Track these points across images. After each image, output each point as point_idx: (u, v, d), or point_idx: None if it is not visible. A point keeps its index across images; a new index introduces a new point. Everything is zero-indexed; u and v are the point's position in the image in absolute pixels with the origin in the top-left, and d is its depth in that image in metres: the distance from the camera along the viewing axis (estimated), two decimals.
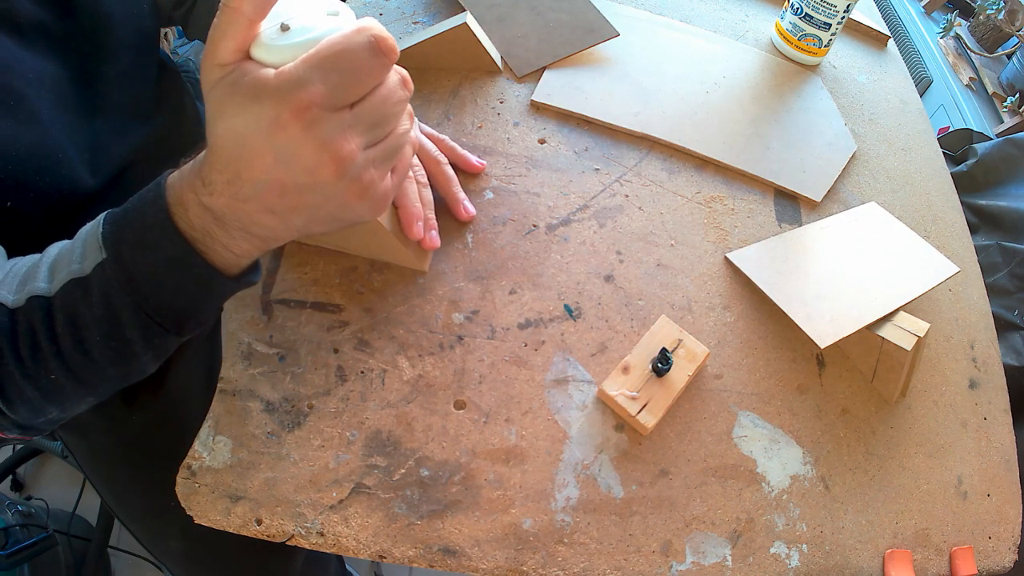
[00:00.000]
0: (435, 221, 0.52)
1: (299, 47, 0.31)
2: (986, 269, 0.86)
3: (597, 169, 0.62)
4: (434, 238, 0.51)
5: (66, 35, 0.46)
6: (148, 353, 0.38)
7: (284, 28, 0.32)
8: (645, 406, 0.49)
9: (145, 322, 0.36)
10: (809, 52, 0.76)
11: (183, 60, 0.80)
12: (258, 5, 0.30)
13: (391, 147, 0.35)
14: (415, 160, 0.52)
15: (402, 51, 0.63)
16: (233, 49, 0.31)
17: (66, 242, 0.37)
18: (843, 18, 0.72)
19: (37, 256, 0.38)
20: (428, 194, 0.52)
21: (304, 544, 0.44)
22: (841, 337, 0.51)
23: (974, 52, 1.49)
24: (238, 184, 0.32)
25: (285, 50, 0.31)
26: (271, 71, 0.31)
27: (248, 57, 0.32)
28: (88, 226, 0.37)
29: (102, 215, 0.36)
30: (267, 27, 0.32)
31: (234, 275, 0.38)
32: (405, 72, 0.35)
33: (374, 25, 0.31)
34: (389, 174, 0.36)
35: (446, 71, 0.66)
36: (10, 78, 0.42)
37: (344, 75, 0.30)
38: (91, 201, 0.50)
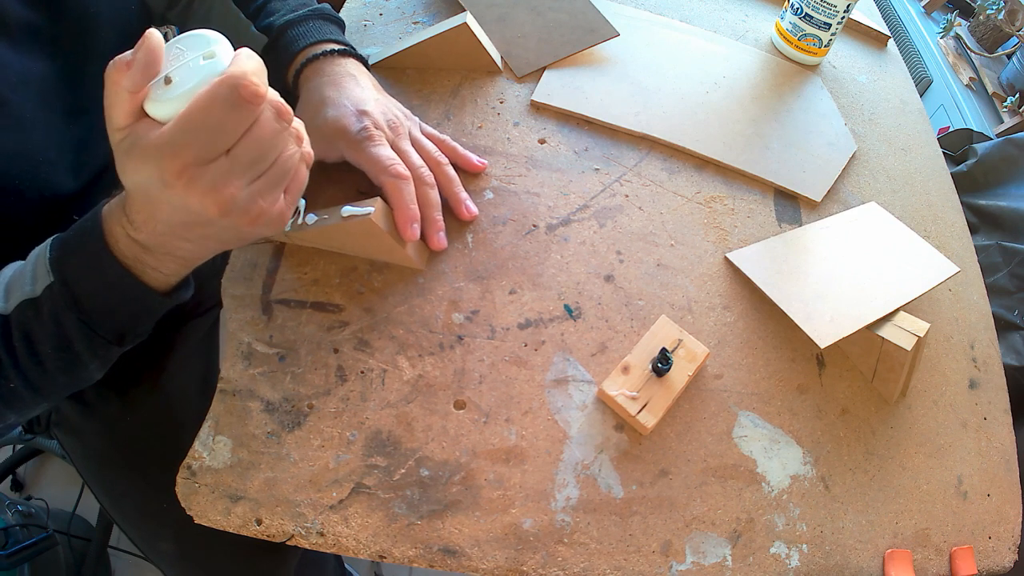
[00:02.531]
0: (443, 222, 0.53)
1: (182, 98, 0.34)
2: (986, 269, 0.86)
3: (597, 169, 0.62)
4: (442, 239, 0.53)
5: (54, 36, 0.47)
6: (94, 362, 0.43)
7: (167, 81, 0.35)
8: (645, 406, 0.49)
9: (90, 336, 0.41)
10: (809, 52, 0.76)
11: None
12: (135, 80, 0.34)
13: (276, 175, 0.38)
14: (419, 161, 0.52)
15: (402, 51, 0.63)
16: (125, 114, 0.34)
17: (20, 264, 0.42)
18: (843, 18, 0.72)
19: None
20: (435, 195, 0.53)
21: (304, 544, 0.44)
22: (841, 337, 0.51)
23: (974, 52, 1.49)
24: (152, 223, 0.37)
25: (171, 103, 0.34)
26: (154, 134, 0.34)
27: (144, 114, 0.35)
28: (38, 249, 0.41)
29: (49, 240, 0.41)
30: (154, 83, 0.35)
31: (166, 292, 0.43)
32: (280, 103, 0.36)
33: (238, 70, 0.33)
34: (282, 196, 0.39)
35: (446, 71, 0.66)
36: None
37: (211, 132, 0.34)
38: (72, 202, 0.51)
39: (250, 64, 0.34)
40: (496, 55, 0.67)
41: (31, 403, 0.44)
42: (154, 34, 0.34)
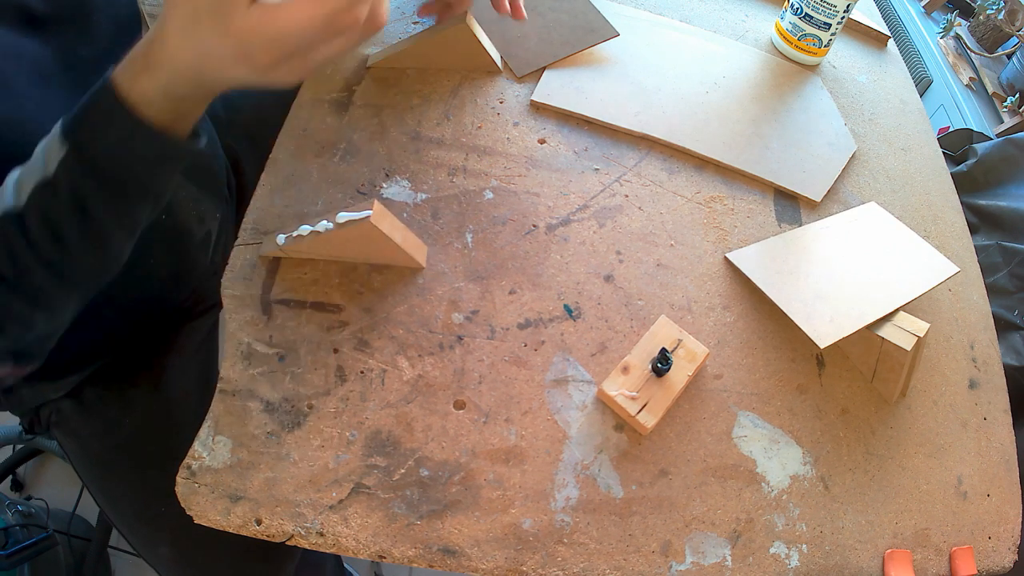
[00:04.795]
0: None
1: None
2: (986, 269, 0.86)
3: (597, 169, 0.62)
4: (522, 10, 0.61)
5: (48, 18, 0.47)
6: (119, 231, 0.42)
7: None
8: (645, 406, 0.49)
9: (110, 199, 0.40)
10: (809, 52, 0.76)
11: None
12: None
13: (341, 49, 0.38)
14: None
15: (402, 51, 0.63)
16: None
17: (25, 164, 0.41)
18: (843, 18, 0.72)
19: None
20: None
21: (304, 544, 0.44)
22: (841, 337, 0.51)
23: (974, 52, 1.49)
24: (198, 79, 0.37)
25: None
26: (253, 18, 0.34)
27: None
28: (44, 139, 0.40)
29: (56, 124, 0.40)
30: None
31: (182, 139, 0.41)
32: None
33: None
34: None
35: (446, 71, 0.66)
36: None
37: (310, 40, 0.35)
38: None
39: None
40: (496, 55, 0.67)
41: (59, 298, 0.42)
42: None
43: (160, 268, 0.60)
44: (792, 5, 0.75)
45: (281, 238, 0.51)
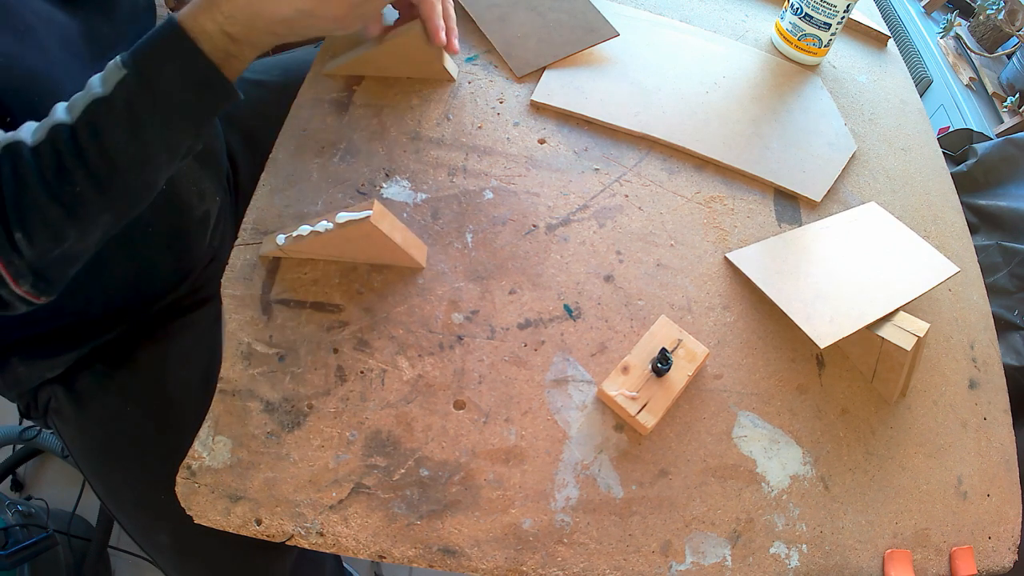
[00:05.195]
0: (456, 31, 0.61)
1: None
2: (986, 269, 0.86)
3: (597, 169, 0.62)
4: (456, 45, 0.62)
5: None
6: (161, 155, 0.45)
7: None
8: (645, 406, 0.49)
9: (161, 122, 0.43)
10: (809, 52, 0.76)
11: None
12: None
13: None
14: None
15: (358, 59, 0.62)
16: None
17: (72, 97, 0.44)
18: (843, 18, 0.72)
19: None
20: (450, 8, 0.61)
21: (304, 544, 0.44)
22: (841, 337, 0.51)
23: (974, 52, 1.49)
24: (257, 20, 0.43)
25: None
26: None
27: None
28: (97, 75, 0.43)
29: (113, 60, 0.43)
30: None
31: (230, 79, 0.46)
32: None
33: None
34: None
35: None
36: (21, 9, 0.47)
37: None
38: None
39: None
40: (451, 64, 0.65)
41: (94, 212, 0.44)
42: None
43: (158, 237, 0.61)
44: (792, 5, 0.75)
45: (281, 238, 0.51)
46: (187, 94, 0.44)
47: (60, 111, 0.42)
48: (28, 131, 0.42)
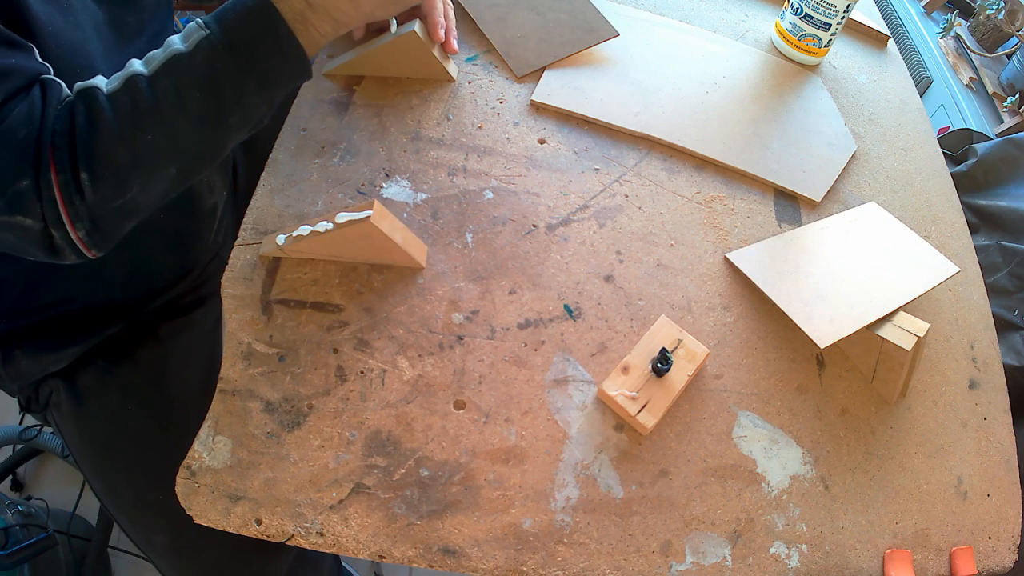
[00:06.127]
0: (455, 32, 0.63)
1: None
2: (986, 269, 0.86)
3: (597, 169, 0.62)
4: (454, 45, 0.63)
5: None
6: (234, 116, 0.46)
7: None
8: (645, 406, 0.49)
9: (238, 83, 0.45)
10: (809, 52, 0.76)
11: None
12: None
13: None
14: None
15: (356, 59, 0.62)
16: None
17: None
18: (843, 18, 0.72)
19: None
20: (450, 10, 0.63)
21: (304, 544, 0.44)
22: (841, 337, 0.51)
23: (974, 52, 1.49)
24: None
25: None
26: None
27: None
28: (176, 35, 0.45)
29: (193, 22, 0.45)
30: None
31: (307, 55, 0.48)
32: None
33: None
34: None
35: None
36: None
37: None
38: None
39: None
40: (451, 65, 0.65)
41: (160, 163, 0.44)
42: None
43: (168, 224, 0.61)
44: (792, 5, 0.75)
45: (281, 238, 0.51)
46: (266, 62, 0.45)
47: (136, 64, 0.43)
48: (102, 80, 0.43)
